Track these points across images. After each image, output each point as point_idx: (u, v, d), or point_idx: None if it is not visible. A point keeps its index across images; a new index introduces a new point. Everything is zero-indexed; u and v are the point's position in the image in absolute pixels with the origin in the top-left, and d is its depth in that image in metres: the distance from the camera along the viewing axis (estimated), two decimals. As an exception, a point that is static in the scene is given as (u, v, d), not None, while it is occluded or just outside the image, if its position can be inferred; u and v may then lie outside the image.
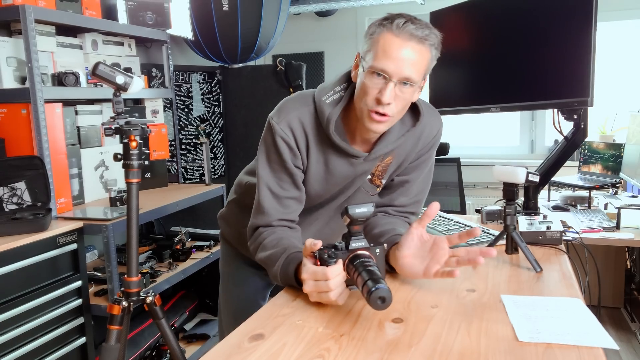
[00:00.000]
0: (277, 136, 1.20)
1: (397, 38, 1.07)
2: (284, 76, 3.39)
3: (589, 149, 3.16)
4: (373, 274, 0.94)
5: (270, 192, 1.23)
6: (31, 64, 2.00)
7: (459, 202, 3.50)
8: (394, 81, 1.08)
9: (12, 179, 2.01)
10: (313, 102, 1.22)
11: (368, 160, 1.25)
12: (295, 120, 1.20)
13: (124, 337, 1.73)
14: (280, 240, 1.19)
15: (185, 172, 3.41)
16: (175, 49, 3.51)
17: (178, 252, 2.64)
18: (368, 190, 1.34)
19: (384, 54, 1.08)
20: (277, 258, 1.15)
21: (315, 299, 1.03)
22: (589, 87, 1.56)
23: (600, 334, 0.89)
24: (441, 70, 2.00)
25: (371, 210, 0.99)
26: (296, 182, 1.24)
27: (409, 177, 1.34)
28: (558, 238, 1.44)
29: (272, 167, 1.23)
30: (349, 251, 1.02)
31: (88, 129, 2.42)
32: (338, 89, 1.21)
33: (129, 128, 1.60)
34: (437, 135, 1.33)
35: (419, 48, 1.09)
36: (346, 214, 1.00)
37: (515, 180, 1.31)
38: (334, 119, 1.18)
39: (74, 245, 2.00)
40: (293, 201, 1.25)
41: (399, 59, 1.07)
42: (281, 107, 1.23)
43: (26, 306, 1.80)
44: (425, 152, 1.33)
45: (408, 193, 1.35)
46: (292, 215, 1.26)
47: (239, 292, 1.55)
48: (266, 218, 1.23)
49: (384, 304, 0.90)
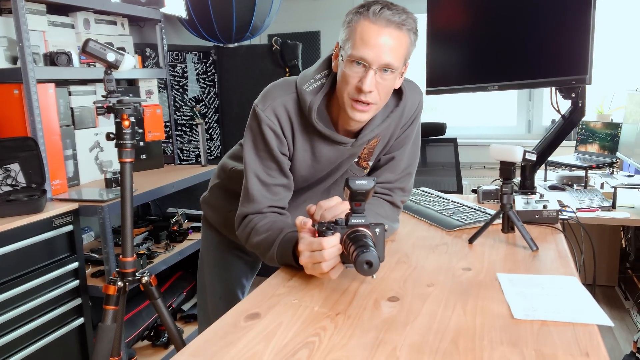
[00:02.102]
0: (264, 124, 1.19)
1: (374, 25, 1.06)
2: (280, 56, 3.35)
3: (586, 128, 3.15)
4: (365, 245, 0.94)
5: (258, 180, 1.22)
6: (22, 44, 1.97)
7: (456, 182, 3.50)
8: (374, 69, 1.08)
9: (5, 160, 1.99)
10: (296, 90, 1.21)
11: (355, 146, 1.25)
12: (280, 107, 1.19)
13: (120, 317, 1.74)
14: (274, 223, 1.19)
15: (181, 153, 3.40)
16: (169, 29, 3.46)
17: (175, 233, 2.65)
18: (355, 173, 1.34)
19: (362, 42, 1.07)
20: (273, 239, 1.15)
21: (310, 271, 1.03)
22: (587, 65, 1.55)
23: (595, 311, 0.90)
24: (438, 49, 1.99)
25: (372, 184, 0.99)
26: (283, 170, 1.23)
27: (395, 154, 1.35)
28: (554, 217, 1.44)
29: (259, 154, 1.22)
30: (349, 227, 1.02)
31: (82, 110, 2.40)
32: (319, 76, 1.21)
33: (121, 107, 1.58)
34: (418, 108, 1.32)
35: (397, 34, 1.08)
36: (347, 185, 0.99)
37: (512, 159, 1.30)
38: (315, 108, 1.17)
39: (69, 227, 1.99)
40: (281, 188, 1.24)
41: (378, 46, 1.06)
42: (265, 93, 1.22)
43: (23, 287, 1.80)
44: (408, 126, 1.33)
45: (394, 169, 1.36)
46: (282, 202, 1.25)
47: (226, 276, 1.54)
48: (256, 206, 1.22)
49: (371, 269, 0.90)
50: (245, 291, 1.58)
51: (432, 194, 1.78)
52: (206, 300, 1.59)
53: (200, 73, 3.46)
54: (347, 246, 0.99)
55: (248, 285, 1.59)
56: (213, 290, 1.56)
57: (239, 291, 1.55)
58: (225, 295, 1.54)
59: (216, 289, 1.55)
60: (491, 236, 1.34)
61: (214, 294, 1.55)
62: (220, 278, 1.54)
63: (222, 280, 1.54)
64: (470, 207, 1.56)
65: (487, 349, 0.79)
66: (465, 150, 3.63)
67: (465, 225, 1.42)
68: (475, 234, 1.31)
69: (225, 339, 0.85)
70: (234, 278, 1.55)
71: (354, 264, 0.92)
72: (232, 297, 1.54)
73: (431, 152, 3.57)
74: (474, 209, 1.54)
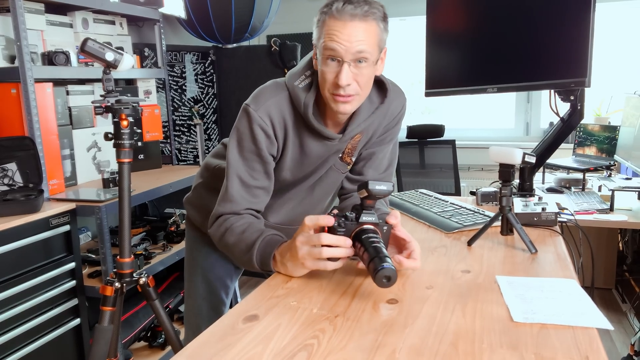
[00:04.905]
0: (255, 124, 1.19)
1: (339, 21, 1.10)
2: (279, 57, 3.34)
3: (584, 131, 3.16)
4: (379, 252, 0.96)
5: (239, 181, 1.22)
6: (20, 43, 1.96)
7: (454, 184, 3.50)
8: (347, 62, 1.11)
9: (2, 159, 1.98)
10: (286, 88, 1.23)
11: (342, 141, 1.27)
12: (274, 107, 1.21)
13: (117, 318, 1.73)
14: (251, 225, 1.19)
15: (179, 153, 3.39)
16: (168, 29, 3.45)
17: (172, 233, 2.64)
18: (339, 168, 1.36)
19: (329, 38, 1.10)
20: (252, 241, 1.14)
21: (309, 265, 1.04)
22: (586, 67, 1.55)
23: (594, 315, 0.89)
24: (438, 50, 1.99)
25: (391, 189, 1.01)
26: (268, 171, 1.24)
27: (376, 149, 1.38)
28: (553, 219, 1.44)
29: (245, 155, 1.22)
30: (359, 223, 1.03)
31: (80, 110, 2.39)
32: (308, 72, 1.23)
33: (120, 107, 1.57)
34: (402, 111, 1.37)
35: (362, 25, 1.10)
36: (365, 188, 1.00)
37: (511, 161, 1.30)
38: (311, 104, 1.20)
39: (66, 227, 1.98)
40: (262, 191, 1.25)
41: (345, 40, 1.09)
42: (258, 94, 1.24)
43: (20, 287, 1.79)
44: (392, 127, 1.37)
45: (378, 167, 1.40)
46: (259, 205, 1.26)
47: (210, 277, 1.53)
48: (233, 206, 1.22)
49: (389, 282, 0.92)
50: (230, 292, 1.57)
51: (430, 195, 1.77)
52: (189, 301, 1.58)
53: (198, 73, 3.45)
54: (357, 246, 1.01)
55: (232, 286, 1.59)
56: (196, 291, 1.55)
57: (223, 292, 1.55)
58: (208, 296, 1.53)
59: (199, 289, 1.54)
60: (490, 238, 1.34)
61: (198, 295, 1.55)
62: (203, 279, 1.54)
63: (205, 281, 1.54)
64: (469, 209, 1.56)
65: (486, 352, 0.78)
66: (464, 152, 3.63)
67: (464, 227, 1.41)
68: (474, 236, 1.30)
69: (223, 341, 0.84)
70: (218, 279, 1.54)
71: (373, 278, 0.94)
72: (215, 298, 1.54)
73: (429, 153, 3.57)
74: (472, 211, 1.54)
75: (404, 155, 3.55)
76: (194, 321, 1.55)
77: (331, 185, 1.40)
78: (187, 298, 1.59)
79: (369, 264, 0.95)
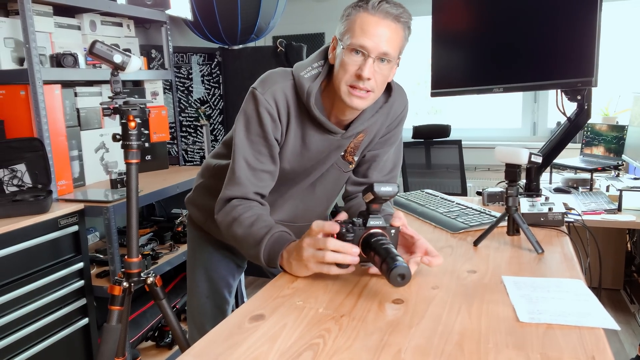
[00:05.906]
0: (262, 107, 1.20)
1: (374, 17, 1.12)
2: (284, 57, 3.35)
3: (591, 130, 3.14)
4: (390, 252, 0.96)
5: (246, 163, 1.23)
6: (29, 45, 1.98)
7: (460, 184, 3.50)
8: (372, 57, 1.13)
9: (12, 160, 2.00)
10: (293, 77, 1.24)
11: (344, 137, 1.28)
12: (280, 92, 1.22)
13: (125, 317, 1.74)
14: (259, 218, 1.19)
15: (186, 154, 3.40)
16: (175, 30, 3.47)
17: (179, 234, 2.65)
18: (341, 167, 1.37)
19: (361, 31, 1.12)
20: (260, 236, 1.14)
21: (313, 268, 1.04)
22: (593, 67, 1.54)
23: (601, 315, 0.89)
24: (443, 50, 1.99)
25: (396, 190, 1.01)
26: (273, 155, 1.25)
27: (379, 151, 1.39)
28: (560, 220, 1.44)
29: (251, 138, 1.23)
30: (366, 228, 1.03)
31: (88, 111, 2.41)
32: (316, 65, 1.24)
33: (128, 108, 1.58)
34: (404, 111, 1.38)
35: (394, 26, 1.13)
36: (371, 191, 1.00)
37: (517, 161, 1.29)
38: (314, 92, 1.20)
39: (75, 227, 2.00)
40: (267, 175, 1.25)
41: (377, 36, 1.12)
42: (265, 79, 1.24)
43: (28, 287, 1.81)
44: (394, 127, 1.38)
45: (382, 169, 1.40)
46: (265, 189, 1.26)
47: (213, 276, 1.54)
48: (241, 189, 1.22)
49: (404, 281, 0.93)
50: (232, 290, 1.58)
51: (436, 196, 1.77)
52: (193, 300, 1.59)
53: (205, 74, 3.47)
54: (367, 250, 1.02)
55: (235, 284, 1.59)
56: (199, 289, 1.56)
57: (226, 291, 1.56)
58: (212, 295, 1.54)
59: (203, 288, 1.55)
60: (496, 239, 1.34)
61: (201, 294, 1.55)
62: (206, 277, 1.55)
63: (208, 279, 1.54)
64: (475, 210, 1.56)
65: (492, 352, 0.78)
66: (470, 152, 3.63)
67: (470, 227, 1.41)
68: (480, 236, 1.30)
69: (230, 340, 0.85)
70: (220, 277, 1.55)
71: (387, 277, 0.94)
72: (218, 297, 1.54)
73: (435, 154, 3.57)
74: (479, 212, 1.54)
75: (409, 156, 3.55)
76: (198, 320, 1.56)
77: (333, 184, 1.41)
78: (190, 297, 1.60)
79: (381, 265, 0.96)
